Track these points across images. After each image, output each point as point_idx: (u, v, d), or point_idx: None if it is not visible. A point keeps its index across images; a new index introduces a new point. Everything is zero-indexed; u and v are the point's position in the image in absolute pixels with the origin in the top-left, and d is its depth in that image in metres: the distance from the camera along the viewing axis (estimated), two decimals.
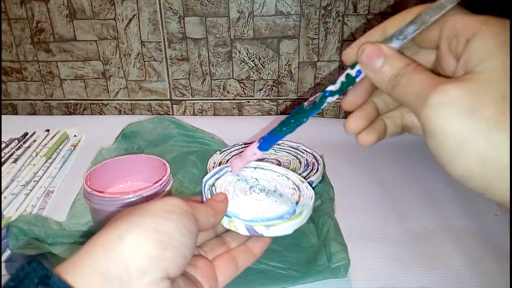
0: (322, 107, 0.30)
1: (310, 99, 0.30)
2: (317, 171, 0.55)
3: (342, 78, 0.28)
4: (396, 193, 0.56)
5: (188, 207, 0.27)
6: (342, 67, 0.75)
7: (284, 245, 0.45)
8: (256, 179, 0.36)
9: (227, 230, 0.33)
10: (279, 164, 0.57)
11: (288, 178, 0.37)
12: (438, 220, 0.51)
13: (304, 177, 0.50)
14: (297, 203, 0.34)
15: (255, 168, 0.38)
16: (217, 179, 0.36)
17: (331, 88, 0.29)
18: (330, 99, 0.29)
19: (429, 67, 0.27)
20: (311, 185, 0.37)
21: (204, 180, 0.35)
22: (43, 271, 0.21)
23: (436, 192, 0.56)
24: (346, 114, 0.66)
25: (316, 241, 0.46)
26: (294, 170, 0.51)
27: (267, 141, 0.34)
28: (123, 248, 0.23)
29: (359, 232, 0.49)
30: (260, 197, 0.34)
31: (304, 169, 0.56)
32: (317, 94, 0.29)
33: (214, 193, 0.33)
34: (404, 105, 0.28)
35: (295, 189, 0.36)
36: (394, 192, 0.57)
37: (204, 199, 0.33)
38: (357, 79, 0.27)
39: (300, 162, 0.57)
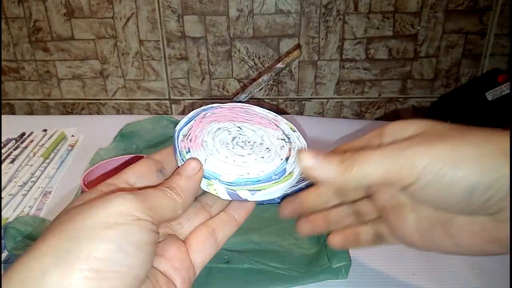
0: None
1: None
2: None
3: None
4: None
5: (142, 211, 0.22)
6: (342, 66, 0.75)
7: (285, 245, 0.45)
8: (239, 127, 0.31)
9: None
10: None
11: (278, 126, 0.32)
12: None
13: (303, 179, 0.49)
14: (287, 159, 0.29)
15: (239, 111, 0.32)
16: (192, 127, 0.30)
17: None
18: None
19: None
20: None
21: (177, 128, 0.29)
22: None
23: None
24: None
25: (317, 241, 0.46)
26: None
27: None
28: (47, 286, 0.19)
29: None
30: (244, 152, 0.29)
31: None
32: None
33: (189, 147, 0.28)
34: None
35: (285, 140, 0.30)
36: None
37: (177, 153, 0.28)
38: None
39: None
